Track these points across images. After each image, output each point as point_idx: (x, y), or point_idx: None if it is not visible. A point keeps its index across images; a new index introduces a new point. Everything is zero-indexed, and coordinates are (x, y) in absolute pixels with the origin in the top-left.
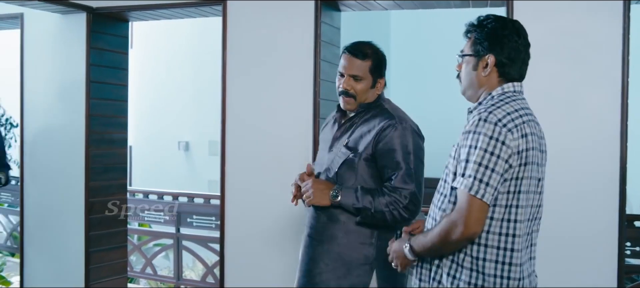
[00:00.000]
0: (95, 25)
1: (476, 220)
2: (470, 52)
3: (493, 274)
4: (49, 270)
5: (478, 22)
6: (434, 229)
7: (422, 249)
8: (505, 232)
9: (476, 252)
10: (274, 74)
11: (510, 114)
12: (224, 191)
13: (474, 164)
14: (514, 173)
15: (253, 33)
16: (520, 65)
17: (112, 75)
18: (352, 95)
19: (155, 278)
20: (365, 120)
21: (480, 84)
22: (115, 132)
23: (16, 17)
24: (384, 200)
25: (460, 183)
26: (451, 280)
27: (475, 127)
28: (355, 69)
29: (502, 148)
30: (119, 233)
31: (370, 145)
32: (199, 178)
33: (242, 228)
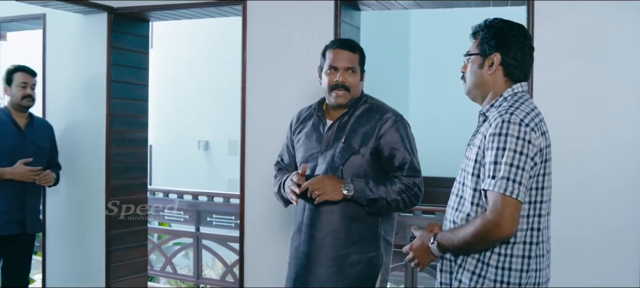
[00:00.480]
0: (116, 25)
1: (512, 219)
2: (476, 52)
3: (519, 269)
4: (70, 269)
5: (485, 23)
6: (466, 228)
7: (451, 245)
8: (531, 227)
9: (504, 249)
10: (293, 73)
11: (529, 114)
12: (243, 190)
13: (505, 165)
14: (538, 170)
15: (273, 32)
16: (526, 66)
17: (132, 75)
18: (347, 88)
19: (175, 277)
20: (358, 116)
21: (485, 83)
22: (136, 132)
23: (39, 18)
24: (396, 188)
25: (492, 185)
26: (476, 279)
27: (500, 128)
28: (349, 61)
29: (529, 147)
30: (139, 232)
31: (373, 138)
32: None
33: (261, 228)
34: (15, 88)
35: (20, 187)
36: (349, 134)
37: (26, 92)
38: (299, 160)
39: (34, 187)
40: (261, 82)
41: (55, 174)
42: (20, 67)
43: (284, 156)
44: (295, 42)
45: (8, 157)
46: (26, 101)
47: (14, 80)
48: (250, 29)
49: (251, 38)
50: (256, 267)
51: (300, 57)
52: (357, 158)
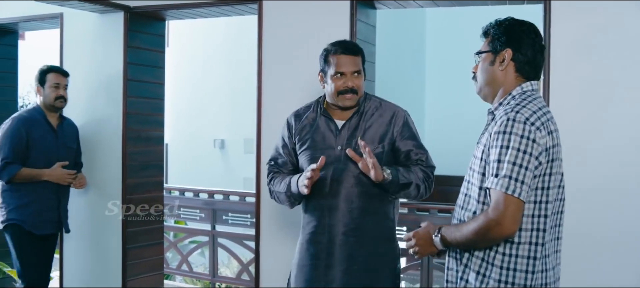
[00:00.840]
0: (133, 24)
1: (514, 219)
2: (487, 49)
3: (524, 270)
4: (87, 266)
5: (496, 22)
6: (469, 224)
7: (454, 240)
8: (536, 227)
9: (508, 249)
10: (309, 72)
11: (535, 113)
12: (259, 189)
13: (508, 164)
14: (543, 170)
15: (289, 31)
16: (537, 64)
17: (149, 74)
18: (355, 91)
19: (191, 275)
20: (371, 115)
21: (496, 80)
22: (152, 130)
23: (56, 17)
24: (420, 175)
25: (495, 184)
26: (481, 278)
27: (505, 127)
28: (355, 64)
29: (533, 146)
30: (155, 230)
31: (389, 135)
32: (235, 175)
33: (277, 226)
34: (48, 89)
35: (55, 186)
36: (363, 133)
37: (59, 93)
38: (306, 161)
39: (67, 187)
40: (277, 80)
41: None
42: (52, 68)
43: (279, 159)
44: (311, 40)
45: (43, 158)
46: (59, 102)
47: (46, 81)
48: (266, 28)
49: (267, 37)
50: (272, 265)
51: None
52: (380, 155)
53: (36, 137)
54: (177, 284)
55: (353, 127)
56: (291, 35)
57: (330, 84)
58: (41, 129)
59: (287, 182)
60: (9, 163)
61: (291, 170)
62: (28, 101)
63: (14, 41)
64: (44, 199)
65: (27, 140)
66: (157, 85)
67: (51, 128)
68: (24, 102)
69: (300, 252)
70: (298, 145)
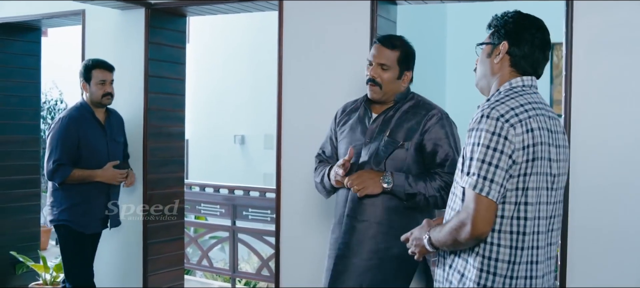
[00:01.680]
0: (154, 21)
1: (483, 219)
2: (487, 41)
3: (504, 275)
4: (108, 262)
5: (501, 15)
6: (446, 225)
7: (438, 242)
8: (516, 230)
9: (488, 251)
10: (329, 67)
11: (514, 109)
12: (279, 185)
13: (477, 161)
14: (520, 170)
15: (309, 27)
16: (536, 59)
17: (169, 70)
18: (378, 83)
19: (211, 270)
20: (404, 111)
21: (492, 72)
22: (173, 126)
23: (78, 14)
24: (435, 185)
25: (466, 182)
26: (462, 279)
27: (477, 123)
28: (384, 58)
29: (504, 143)
30: (176, 225)
31: (417, 133)
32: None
33: (297, 222)
34: (94, 86)
35: (105, 185)
36: (393, 127)
37: (105, 90)
38: (342, 152)
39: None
40: (297, 76)
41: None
42: (97, 63)
43: (326, 148)
44: (331, 36)
45: (94, 156)
46: (106, 99)
47: (92, 78)
48: (287, 23)
49: (287, 32)
50: (292, 261)
51: (336, 52)
52: (400, 152)
53: (86, 136)
54: (197, 279)
55: (386, 121)
56: (312, 31)
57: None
58: (90, 126)
59: (324, 173)
60: (61, 165)
61: (336, 160)
62: (50, 97)
63: (37, 38)
64: (93, 198)
65: (78, 140)
66: (178, 81)
67: (99, 124)
68: (46, 99)
69: (328, 241)
70: (339, 134)
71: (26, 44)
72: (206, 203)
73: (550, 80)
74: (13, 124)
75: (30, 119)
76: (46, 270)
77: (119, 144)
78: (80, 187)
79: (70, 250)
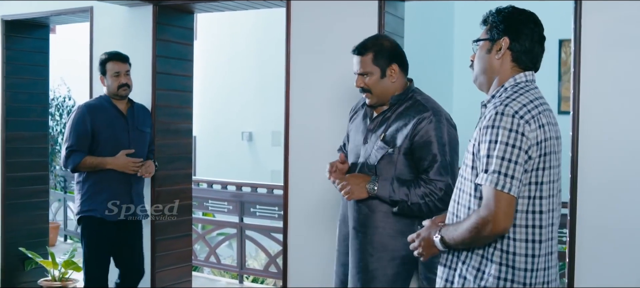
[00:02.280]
0: (161, 17)
1: (505, 214)
2: (485, 37)
3: (524, 268)
4: None
5: (496, 10)
6: (464, 223)
7: (452, 241)
8: (532, 224)
9: (506, 245)
10: (337, 64)
11: (526, 106)
12: (287, 181)
13: (497, 159)
14: (534, 165)
15: (317, 24)
16: (535, 53)
17: (177, 67)
18: (367, 90)
19: (218, 267)
20: (399, 113)
21: (492, 68)
22: (181, 122)
23: (86, 11)
24: (419, 192)
25: (485, 180)
26: (481, 274)
27: (493, 121)
28: (361, 65)
29: (521, 140)
30: (184, 222)
31: (407, 138)
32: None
33: (305, 219)
34: (109, 79)
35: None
36: (388, 130)
37: (121, 81)
38: (349, 149)
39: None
40: (305, 74)
41: (156, 163)
42: (111, 56)
43: (346, 142)
44: (339, 33)
45: (113, 144)
46: (123, 90)
47: (107, 71)
48: (294, 20)
49: (295, 29)
50: (300, 258)
51: (344, 49)
52: (391, 157)
53: (103, 124)
54: (204, 276)
55: (381, 122)
56: (319, 28)
57: None
58: (108, 115)
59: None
60: (73, 151)
61: None
62: (58, 94)
63: (46, 35)
64: (115, 187)
65: (92, 127)
66: (185, 77)
67: (120, 114)
68: (55, 95)
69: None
70: (348, 131)
71: (35, 41)
72: (214, 200)
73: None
74: (22, 120)
75: (38, 116)
76: (55, 266)
77: (144, 133)
78: (99, 175)
79: (91, 239)
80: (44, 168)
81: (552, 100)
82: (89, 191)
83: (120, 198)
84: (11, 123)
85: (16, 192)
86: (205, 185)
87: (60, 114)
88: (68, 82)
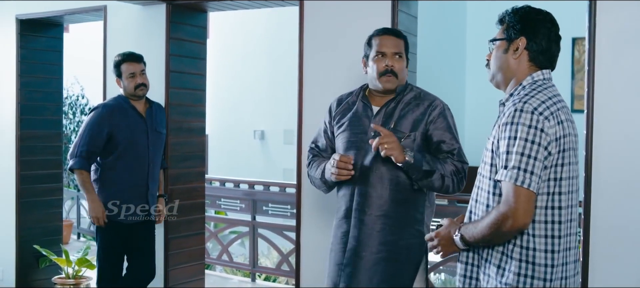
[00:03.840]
0: (175, 16)
1: (525, 210)
2: (502, 37)
3: (544, 264)
4: None
5: (512, 9)
6: (483, 220)
7: (472, 239)
8: (551, 220)
9: (526, 242)
10: (350, 63)
11: (544, 102)
12: (300, 180)
13: (516, 155)
14: (554, 161)
15: (330, 22)
16: (552, 53)
17: (190, 65)
18: (395, 73)
19: (231, 265)
20: (407, 103)
21: (509, 68)
22: (194, 121)
23: (100, 10)
24: (449, 168)
25: (504, 176)
26: (502, 272)
27: (512, 118)
28: (397, 46)
29: (541, 136)
30: (196, 220)
31: (422, 124)
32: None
33: (318, 217)
34: (125, 80)
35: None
36: (397, 120)
37: (137, 81)
38: (340, 146)
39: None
40: (318, 72)
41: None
42: (125, 57)
43: (320, 141)
44: (352, 32)
45: (132, 145)
46: (139, 90)
47: (122, 73)
48: (307, 19)
49: (308, 28)
50: (313, 257)
51: (357, 47)
52: (407, 142)
53: (121, 124)
54: (217, 274)
55: (388, 113)
56: (333, 26)
57: (372, 66)
58: (126, 116)
59: (322, 168)
60: (81, 157)
61: (331, 154)
62: (72, 93)
63: (60, 33)
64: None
65: (110, 130)
66: (198, 76)
67: (139, 115)
68: (68, 94)
69: (333, 236)
70: (335, 128)
71: (49, 40)
72: (226, 198)
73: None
74: (37, 119)
75: (52, 114)
76: (69, 264)
77: (161, 135)
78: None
79: (104, 241)
80: (58, 166)
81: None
82: (103, 193)
83: (136, 200)
84: (26, 121)
85: (31, 190)
86: (217, 183)
87: (73, 113)
88: (81, 81)
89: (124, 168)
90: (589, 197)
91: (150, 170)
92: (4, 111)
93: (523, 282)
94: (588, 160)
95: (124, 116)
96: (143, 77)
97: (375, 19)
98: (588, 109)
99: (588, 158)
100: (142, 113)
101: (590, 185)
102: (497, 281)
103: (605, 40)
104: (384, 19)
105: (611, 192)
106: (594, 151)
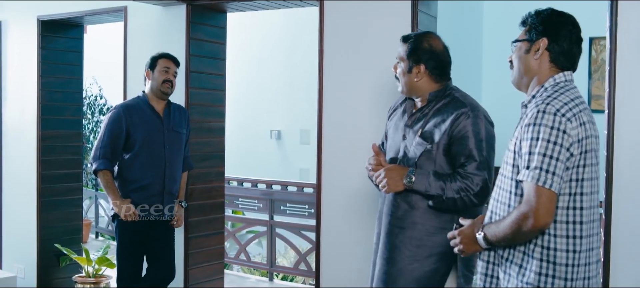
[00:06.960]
0: (194, 17)
1: (546, 210)
2: (524, 38)
3: (565, 264)
4: None
5: (535, 11)
6: (505, 220)
7: (495, 238)
8: (573, 220)
9: (547, 242)
10: (370, 63)
11: (567, 104)
12: (320, 179)
13: (539, 155)
14: (575, 162)
15: (350, 22)
16: (573, 55)
17: (210, 65)
18: (397, 77)
19: (248, 264)
20: (437, 109)
21: (531, 69)
22: (213, 121)
23: (120, 11)
24: (455, 186)
25: (526, 176)
26: (523, 271)
27: (535, 119)
28: (399, 51)
29: (563, 137)
30: (216, 219)
31: (445, 134)
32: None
33: (337, 217)
34: (157, 72)
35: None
36: (425, 125)
37: (168, 76)
38: (387, 146)
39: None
40: (338, 74)
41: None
42: (165, 54)
43: (384, 141)
44: (372, 32)
45: (149, 144)
46: (166, 86)
47: (157, 65)
48: (327, 20)
49: (328, 27)
50: (333, 257)
51: (377, 47)
52: (430, 153)
53: (138, 123)
54: (234, 273)
55: (418, 118)
56: (352, 26)
57: None
58: (144, 115)
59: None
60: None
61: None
62: (90, 93)
63: (80, 34)
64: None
65: (127, 127)
66: (218, 76)
67: (156, 114)
68: (87, 94)
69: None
70: (387, 130)
71: (69, 41)
72: (244, 198)
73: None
74: (57, 119)
75: (73, 114)
76: (89, 262)
77: (180, 135)
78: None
79: (123, 240)
80: (78, 166)
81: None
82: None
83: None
84: (47, 121)
85: (52, 189)
86: (235, 183)
87: (92, 113)
88: (99, 82)
89: (140, 167)
90: (610, 197)
91: (167, 169)
92: (26, 111)
93: (544, 281)
94: (609, 160)
95: (140, 114)
96: (174, 78)
97: (395, 19)
98: (609, 109)
99: (609, 158)
100: (160, 113)
101: (611, 186)
102: (518, 280)
103: (626, 39)
104: (404, 19)
105: (632, 192)
106: (615, 151)
